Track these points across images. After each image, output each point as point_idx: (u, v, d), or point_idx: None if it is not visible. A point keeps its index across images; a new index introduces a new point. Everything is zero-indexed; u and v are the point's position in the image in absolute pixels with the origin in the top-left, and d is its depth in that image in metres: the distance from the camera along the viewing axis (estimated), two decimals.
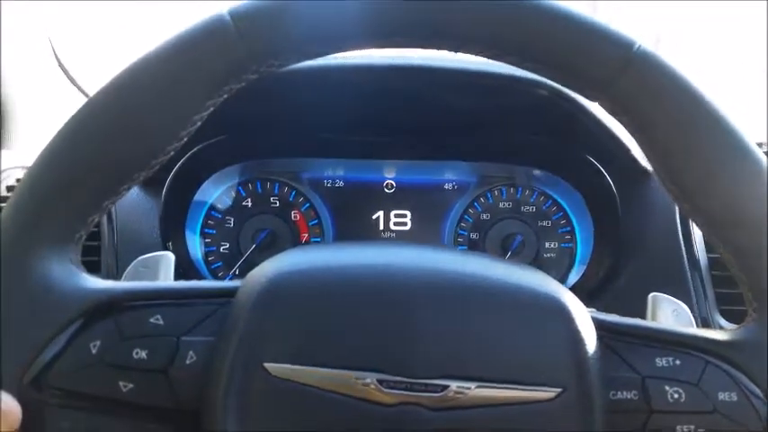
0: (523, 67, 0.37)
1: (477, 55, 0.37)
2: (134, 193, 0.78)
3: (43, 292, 0.35)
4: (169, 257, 0.46)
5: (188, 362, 0.35)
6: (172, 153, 0.37)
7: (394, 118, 0.80)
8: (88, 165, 0.35)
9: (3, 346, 0.34)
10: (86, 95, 1.01)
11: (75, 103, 0.97)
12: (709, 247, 0.75)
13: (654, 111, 0.35)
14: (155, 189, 0.77)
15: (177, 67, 0.35)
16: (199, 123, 0.36)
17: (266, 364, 0.33)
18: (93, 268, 0.72)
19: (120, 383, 0.35)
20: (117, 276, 0.72)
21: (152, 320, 0.36)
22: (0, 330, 0.34)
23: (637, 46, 0.35)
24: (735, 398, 0.35)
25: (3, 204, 0.74)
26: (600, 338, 0.36)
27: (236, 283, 0.38)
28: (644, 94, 0.35)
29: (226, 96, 0.36)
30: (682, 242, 0.76)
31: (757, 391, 0.35)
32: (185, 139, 0.37)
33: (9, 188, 0.79)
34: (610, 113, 0.37)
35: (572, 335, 0.35)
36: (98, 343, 0.35)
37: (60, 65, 0.97)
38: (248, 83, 0.37)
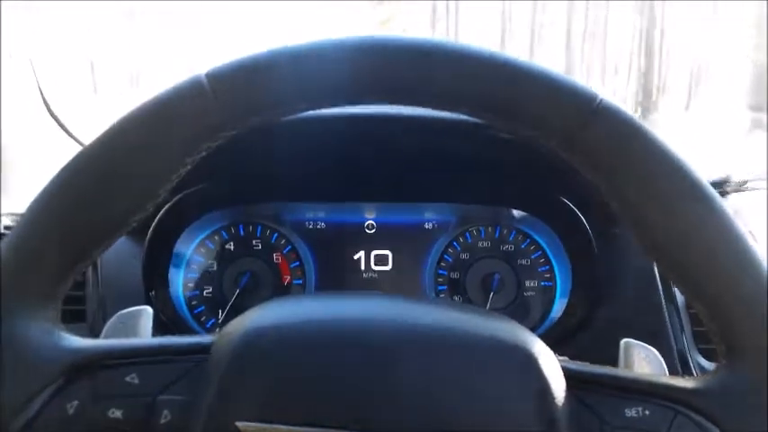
0: (492, 123, 0.38)
1: (447, 111, 0.38)
2: (118, 241, 0.80)
3: (21, 353, 0.35)
4: (148, 312, 0.47)
5: (162, 421, 0.35)
6: (150, 210, 0.38)
7: (373, 162, 0.82)
8: (67, 226, 0.36)
9: None
10: (78, 142, 1.03)
11: (68, 150, 0.99)
12: None
13: (617, 163, 0.36)
14: (138, 236, 0.79)
15: (155, 128, 0.36)
16: (176, 181, 0.37)
17: (238, 423, 0.34)
18: (78, 317, 0.73)
19: None
20: (102, 325, 0.73)
21: (128, 379, 0.36)
22: None
23: (599, 99, 0.35)
24: None
25: None
26: (569, 389, 0.36)
27: (209, 338, 0.38)
28: (607, 147, 0.36)
29: (204, 153, 0.37)
30: (659, 280, 0.77)
31: None
32: (163, 196, 0.38)
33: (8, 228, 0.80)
34: (576, 166, 0.38)
35: (541, 386, 0.35)
36: (75, 403, 0.35)
37: (51, 112, 1.00)
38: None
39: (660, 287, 0.77)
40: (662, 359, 0.47)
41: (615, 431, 0.36)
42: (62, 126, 1.02)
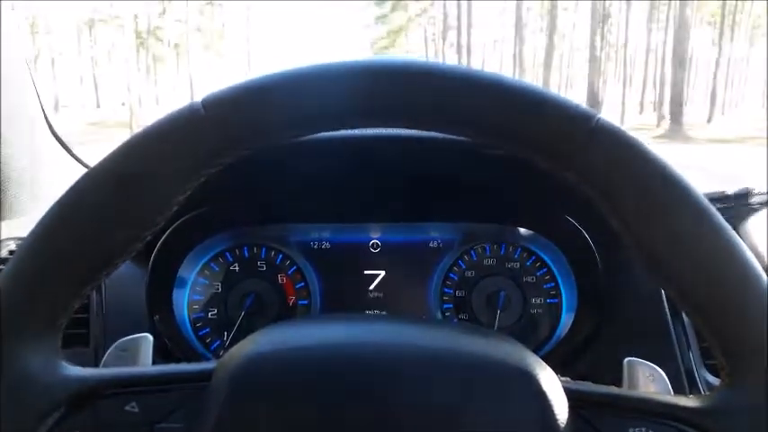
0: (489, 144, 0.38)
1: (446, 134, 0.39)
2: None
3: (21, 385, 0.35)
4: (148, 339, 0.47)
5: None
6: (150, 237, 0.38)
7: (377, 183, 0.82)
8: (65, 258, 0.36)
9: None
10: (82, 164, 1.04)
11: (72, 172, 0.99)
12: None
13: (616, 181, 0.36)
14: (142, 259, 0.79)
15: (152, 157, 0.36)
16: (176, 207, 0.37)
17: None
18: (81, 341, 0.73)
19: None
20: (105, 349, 0.73)
21: (128, 408, 0.37)
22: None
23: (596, 119, 0.36)
24: None
25: None
26: (573, 409, 0.36)
27: (210, 365, 0.38)
28: (605, 167, 0.36)
29: (203, 180, 0.38)
30: (664, 297, 0.77)
31: None
32: (162, 224, 0.38)
33: (2, 260, 0.81)
34: (575, 185, 0.38)
35: (544, 406, 0.35)
36: None
37: (55, 135, 1.00)
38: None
39: (666, 303, 0.76)
40: (666, 377, 0.46)
41: None
42: (64, 146, 1.03)
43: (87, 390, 0.37)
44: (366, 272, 0.87)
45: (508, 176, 0.79)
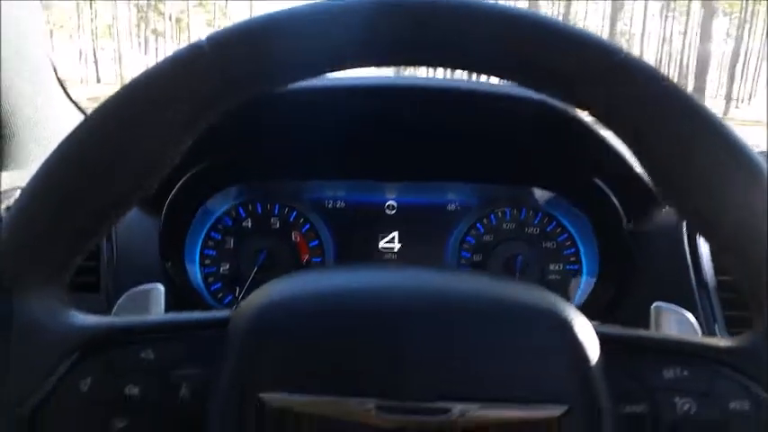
0: (511, 80, 0.37)
1: (465, 70, 0.37)
2: (134, 214, 0.78)
3: (30, 333, 0.34)
4: (159, 290, 0.46)
5: (181, 395, 0.34)
6: (154, 186, 0.36)
7: (394, 139, 0.79)
8: (70, 202, 0.34)
9: None
10: (82, 111, 1.01)
11: (73, 121, 0.97)
12: (717, 269, 0.73)
13: (644, 117, 0.34)
14: (155, 209, 0.77)
15: (155, 98, 0.35)
16: (181, 150, 0.36)
17: (261, 395, 0.33)
18: (91, 288, 0.71)
19: (114, 420, 0.34)
20: (116, 296, 0.71)
21: (143, 355, 0.35)
22: None
23: (623, 54, 0.34)
24: (747, 406, 0.34)
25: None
26: (605, 351, 0.35)
27: (225, 312, 0.37)
28: (632, 101, 0.34)
29: (206, 125, 0.36)
30: (690, 264, 0.75)
31: None
32: (166, 171, 0.36)
33: (8, 209, 0.79)
34: (601, 123, 0.36)
35: (575, 349, 0.34)
36: (88, 380, 0.34)
37: (64, 89, 0.98)
38: (239, 107, 0.36)
39: (692, 272, 0.75)
40: (695, 321, 0.46)
41: (654, 392, 0.35)
42: (75, 104, 1.00)
43: (99, 337, 0.36)
44: (381, 234, 0.86)
45: (534, 135, 0.77)
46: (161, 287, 0.46)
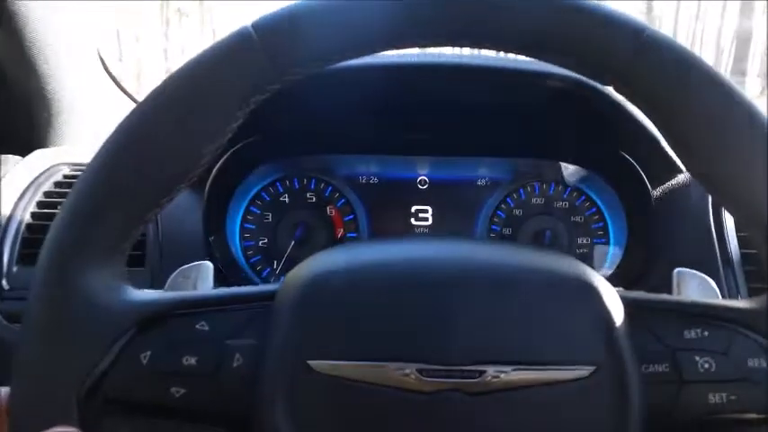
0: (540, 59, 0.38)
1: (498, 50, 0.38)
2: None
3: (90, 311, 0.36)
4: (207, 266, 0.48)
5: (235, 365, 0.36)
6: (206, 165, 0.38)
7: (425, 115, 0.81)
8: (127, 185, 0.36)
9: (57, 368, 0.36)
10: (131, 98, 1.05)
11: (121, 104, 1.00)
12: (742, 244, 0.74)
13: (670, 93, 0.36)
14: (197, 186, 0.80)
15: (205, 85, 0.36)
16: (230, 135, 0.38)
17: (309, 362, 0.35)
18: (137, 262, 0.75)
19: (173, 389, 0.36)
20: (161, 270, 0.74)
21: (198, 327, 0.37)
22: (53, 352, 0.36)
23: (648, 30, 0.36)
24: (764, 364, 0.36)
25: (49, 200, 0.77)
26: (629, 315, 0.37)
27: (274, 286, 0.39)
28: (659, 77, 0.36)
29: (254, 106, 0.38)
30: (715, 238, 0.76)
31: None
32: (218, 151, 0.38)
33: (57, 183, 0.82)
34: (628, 99, 0.38)
35: (601, 313, 0.36)
36: (148, 353, 0.36)
37: (107, 69, 1.01)
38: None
39: (716, 245, 0.76)
40: (715, 286, 0.47)
41: (676, 352, 0.37)
42: (116, 82, 1.03)
43: (156, 311, 0.37)
44: (413, 208, 0.88)
45: (561, 111, 0.78)
46: (209, 264, 0.48)
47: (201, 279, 0.47)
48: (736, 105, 0.35)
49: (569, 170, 0.86)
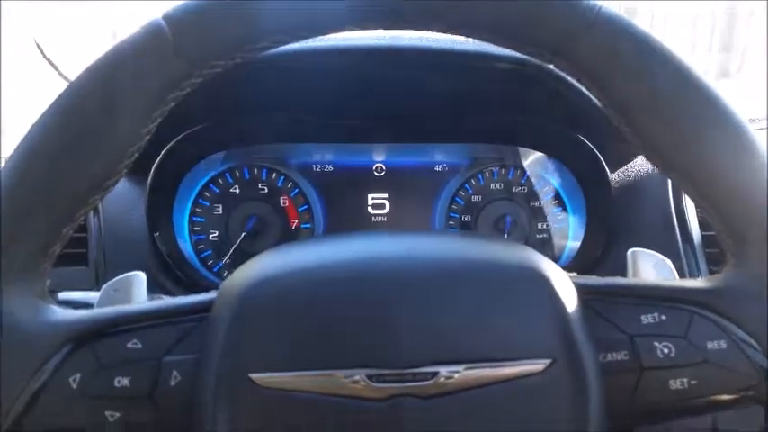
0: (492, 42, 0.37)
1: (436, 31, 0.37)
2: (120, 186, 0.77)
3: (11, 333, 0.34)
4: (140, 277, 0.46)
5: (173, 383, 0.35)
6: (125, 171, 0.36)
7: (378, 101, 0.79)
8: (40, 194, 0.34)
9: None
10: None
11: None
12: (703, 226, 0.74)
13: (613, 67, 0.35)
14: (140, 178, 0.76)
15: (116, 84, 0.34)
16: (148, 136, 0.36)
17: (252, 375, 0.33)
18: (80, 261, 0.71)
19: (107, 413, 0.34)
20: (105, 269, 0.71)
21: (130, 345, 0.35)
22: None
23: (597, 8, 0.34)
24: (724, 345, 0.35)
25: None
26: (583, 302, 0.36)
27: (209, 296, 0.37)
28: (605, 58, 0.35)
29: (173, 104, 0.36)
30: (675, 220, 0.76)
31: (745, 336, 0.35)
32: (139, 151, 0.36)
33: None
34: (574, 77, 0.37)
35: (554, 303, 0.35)
36: (77, 376, 0.34)
37: (45, 56, 0.96)
38: (218, 74, 0.35)
39: (677, 228, 0.75)
40: (671, 265, 0.46)
41: (634, 339, 0.36)
42: (55, 68, 0.99)
43: (83, 331, 0.35)
44: (370, 196, 0.86)
45: (518, 94, 0.77)
46: (142, 275, 0.46)
47: (135, 291, 0.45)
48: (692, 88, 0.34)
49: (528, 155, 0.85)
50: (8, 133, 0.92)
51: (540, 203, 0.85)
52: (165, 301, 0.38)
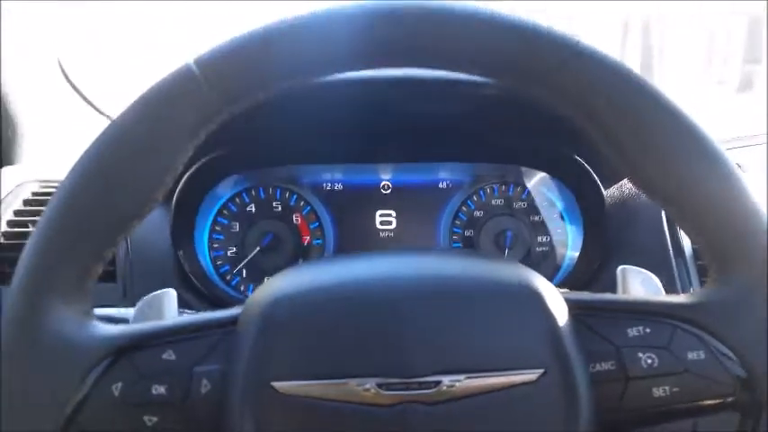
0: (480, 76, 0.40)
1: (432, 69, 0.40)
2: None
3: (61, 348, 0.37)
4: (171, 294, 0.49)
5: (203, 391, 0.38)
6: (161, 199, 0.40)
7: (387, 125, 0.83)
8: (88, 220, 0.38)
9: (29, 407, 0.37)
10: (96, 109, 1.05)
11: (85, 116, 1.00)
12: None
13: (597, 100, 0.38)
14: (164, 201, 0.81)
15: (154, 125, 0.38)
16: (182, 166, 0.39)
17: (274, 384, 0.36)
18: (109, 278, 0.76)
19: (146, 418, 0.37)
20: (132, 285, 0.76)
21: (165, 356, 0.39)
22: (28, 388, 0.37)
23: (576, 42, 0.38)
24: (703, 356, 0.38)
25: (19, 218, 0.78)
26: (574, 316, 0.39)
27: (236, 311, 0.41)
28: (587, 86, 0.38)
29: (204, 137, 0.39)
30: (667, 233, 0.80)
31: (723, 347, 0.38)
32: (171, 183, 0.39)
33: (26, 201, 0.82)
34: (559, 109, 0.40)
35: (546, 317, 0.38)
36: (119, 385, 0.37)
37: (69, 81, 1.01)
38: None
39: (669, 242, 0.79)
40: (657, 281, 0.49)
41: (621, 350, 0.39)
42: (78, 91, 1.03)
43: (124, 345, 0.39)
44: (377, 212, 0.90)
45: (517, 118, 0.81)
46: (173, 291, 0.49)
47: (166, 307, 0.48)
48: (670, 116, 0.38)
49: (528, 172, 0.89)
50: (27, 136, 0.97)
51: (540, 218, 0.90)
52: (195, 315, 0.41)
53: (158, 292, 0.48)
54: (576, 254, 0.87)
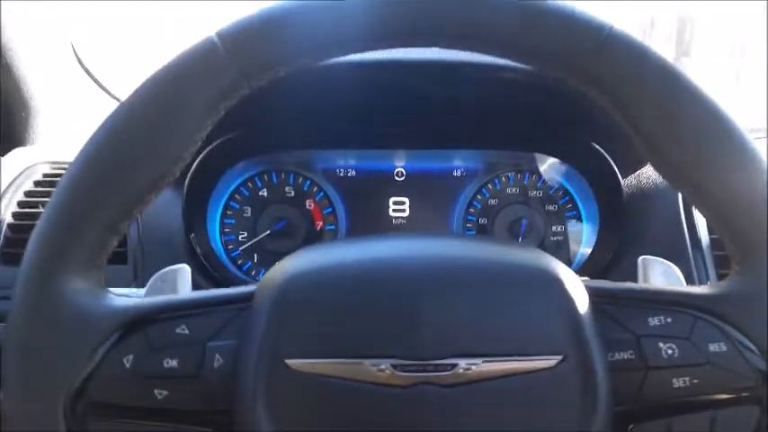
0: (507, 59, 0.40)
1: (461, 50, 0.40)
2: None
3: (74, 317, 0.37)
4: (185, 270, 0.49)
5: (216, 365, 0.38)
6: (178, 174, 0.39)
7: (402, 110, 0.83)
8: (102, 195, 0.37)
9: (43, 372, 0.37)
10: (108, 93, 1.05)
11: (97, 100, 1.00)
12: (711, 230, 0.77)
13: (628, 87, 0.37)
14: (176, 183, 0.80)
15: (172, 96, 0.38)
16: (201, 141, 0.39)
17: (287, 361, 0.36)
18: (120, 260, 0.76)
19: (156, 391, 0.37)
20: (143, 267, 0.75)
21: (178, 330, 0.39)
22: (39, 358, 0.37)
23: (609, 28, 0.37)
24: (724, 348, 0.37)
25: (30, 199, 0.78)
26: (594, 304, 0.38)
27: (250, 288, 0.40)
28: (619, 73, 0.37)
29: (224, 112, 0.39)
30: (684, 224, 0.78)
31: (745, 340, 0.37)
32: (189, 158, 0.39)
33: (37, 182, 0.82)
34: (589, 95, 0.39)
35: (567, 304, 0.37)
36: (131, 357, 0.38)
37: (81, 64, 1.01)
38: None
39: (686, 233, 0.78)
40: (679, 272, 0.49)
41: (641, 339, 0.38)
42: (91, 75, 1.03)
43: (137, 317, 0.39)
44: (390, 199, 0.89)
45: (533, 103, 0.80)
46: (187, 267, 0.49)
47: (180, 282, 0.48)
48: (691, 97, 0.37)
49: (543, 160, 0.88)
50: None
51: (554, 207, 0.88)
52: (210, 291, 0.41)
53: (172, 267, 0.48)
54: (592, 244, 0.86)
